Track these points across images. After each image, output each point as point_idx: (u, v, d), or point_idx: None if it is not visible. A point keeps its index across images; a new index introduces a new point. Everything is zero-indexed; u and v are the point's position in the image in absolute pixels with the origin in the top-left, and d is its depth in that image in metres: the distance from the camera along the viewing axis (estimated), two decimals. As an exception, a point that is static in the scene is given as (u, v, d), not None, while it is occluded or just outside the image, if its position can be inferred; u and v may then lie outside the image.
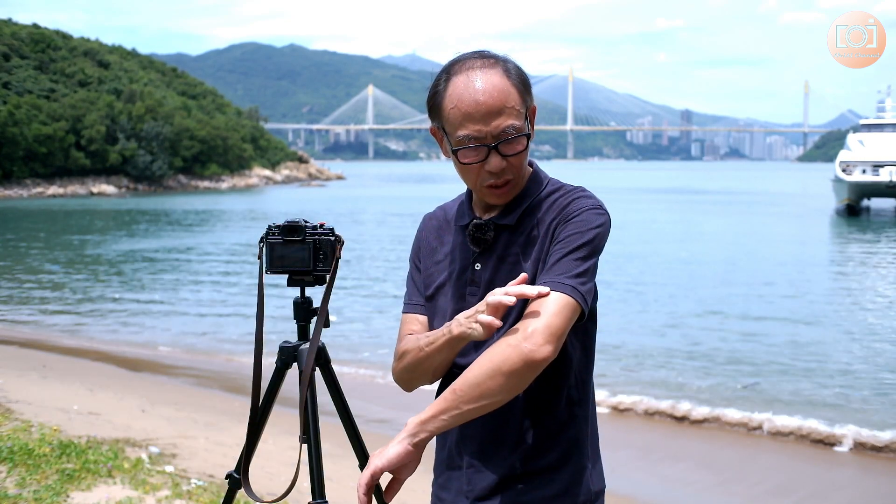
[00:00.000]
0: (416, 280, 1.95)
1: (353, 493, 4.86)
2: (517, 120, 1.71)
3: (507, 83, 1.72)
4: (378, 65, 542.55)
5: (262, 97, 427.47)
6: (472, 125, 1.70)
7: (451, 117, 1.73)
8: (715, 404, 7.96)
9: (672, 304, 14.05)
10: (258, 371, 2.19)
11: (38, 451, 4.99)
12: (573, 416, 1.78)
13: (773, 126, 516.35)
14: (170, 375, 9.56)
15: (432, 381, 1.88)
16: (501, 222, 1.79)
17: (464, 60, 1.75)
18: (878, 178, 35.71)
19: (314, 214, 31.54)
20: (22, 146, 58.53)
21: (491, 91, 1.70)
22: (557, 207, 1.76)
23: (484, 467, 1.78)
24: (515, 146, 1.72)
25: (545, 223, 1.76)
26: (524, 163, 1.77)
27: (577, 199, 1.75)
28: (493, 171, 1.72)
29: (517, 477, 1.75)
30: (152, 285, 17.06)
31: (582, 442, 1.78)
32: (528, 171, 1.84)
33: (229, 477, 2.29)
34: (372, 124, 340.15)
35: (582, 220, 1.71)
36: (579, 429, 1.78)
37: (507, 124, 1.70)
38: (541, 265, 1.72)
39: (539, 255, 1.74)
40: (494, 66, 1.73)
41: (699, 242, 25.18)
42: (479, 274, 1.80)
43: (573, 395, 1.78)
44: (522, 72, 1.78)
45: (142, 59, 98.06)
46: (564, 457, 1.76)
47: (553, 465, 1.75)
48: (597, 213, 1.73)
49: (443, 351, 1.73)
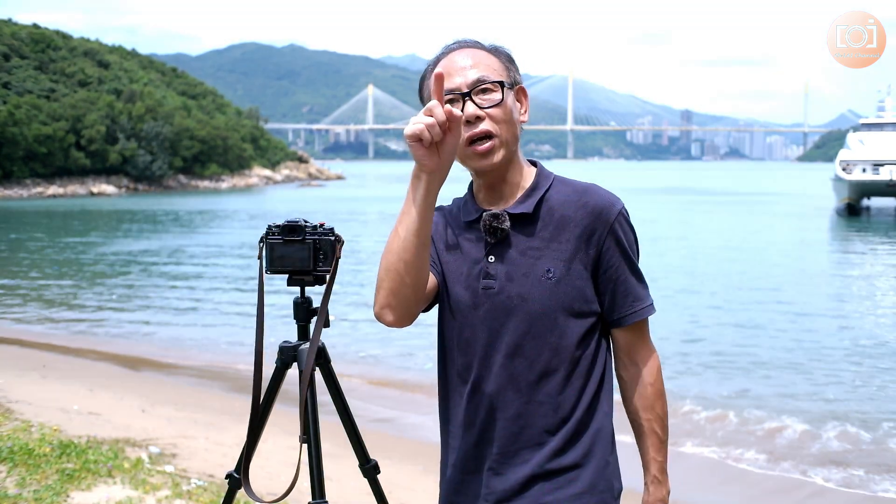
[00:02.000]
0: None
1: (353, 493, 4.87)
2: (492, 74, 1.75)
3: (484, 52, 1.80)
4: (378, 65, 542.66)
5: (262, 97, 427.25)
6: (448, 80, 1.73)
7: (432, 83, 1.71)
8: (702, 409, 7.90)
9: (671, 304, 14.03)
10: (258, 371, 2.19)
11: (38, 451, 4.99)
12: (594, 413, 1.77)
13: (773, 126, 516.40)
14: (170, 375, 9.55)
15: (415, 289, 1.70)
16: (516, 212, 1.78)
17: (449, 47, 1.82)
18: (878, 176, 35.68)
19: (314, 214, 31.54)
20: (22, 146, 58.46)
21: (467, 52, 1.78)
22: (588, 210, 1.76)
23: (505, 469, 1.76)
24: (491, 96, 1.74)
25: (574, 223, 1.75)
26: (507, 119, 1.75)
27: (610, 206, 1.77)
28: (468, 118, 1.71)
29: (540, 476, 1.73)
30: (152, 285, 17.05)
31: (605, 438, 1.78)
32: (525, 163, 1.85)
33: (229, 477, 2.29)
34: (372, 124, 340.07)
35: (627, 238, 1.79)
36: (602, 425, 1.78)
37: (481, 75, 1.74)
38: (582, 268, 1.75)
39: (573, 256, 1.75)
40: (475, 45, 1.80)
41: (698, 242, 25.16)
42: (495, 267, 1.77)
43: (595, 392, 1.78)
44: (508, 53, 1.83)
45: (142, 59, 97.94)
46: (587, 454, 1.75)
47: (577, 463, 1.74)
48: (628, 219, 1.80)
49: (411, 211, 1.65)
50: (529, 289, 1.73)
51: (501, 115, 1.73)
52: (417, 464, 6.16)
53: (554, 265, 1.73)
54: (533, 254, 1.75)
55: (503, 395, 1.75)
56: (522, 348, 1.74)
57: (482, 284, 1.77)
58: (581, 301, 1.75)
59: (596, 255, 1.75)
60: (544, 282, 1.73)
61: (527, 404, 1.74)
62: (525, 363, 1.74)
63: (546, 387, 1.74)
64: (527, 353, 1.74)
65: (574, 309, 1.74)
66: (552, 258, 1.73)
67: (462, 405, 1.82)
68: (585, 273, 1.75)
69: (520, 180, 1.81)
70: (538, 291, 1.73)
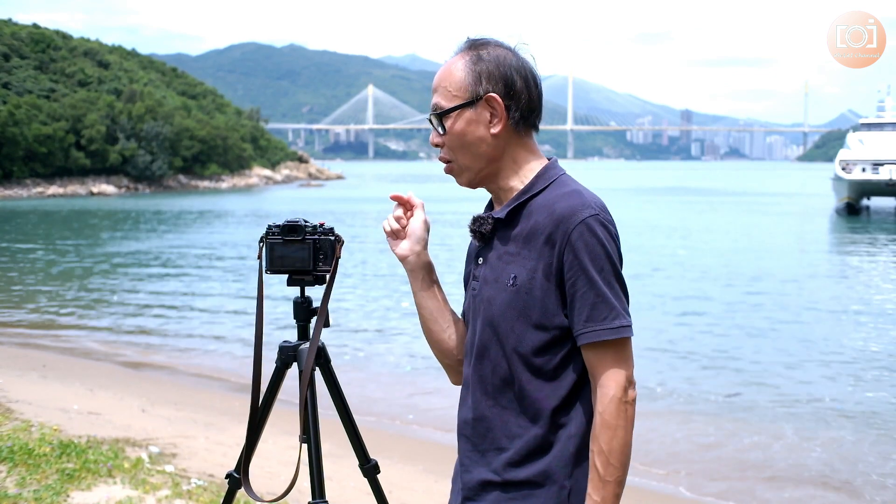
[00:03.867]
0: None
1: (353, 493, 4.87)
2: (445, 99, 1.76)
3: (459, 66, 1.75)
4: (378, 65, 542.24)
5: (262, 97, 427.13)
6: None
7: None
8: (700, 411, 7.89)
9: (668, 303, 14.03)
10: (258, 371, 2.20)
11: (38, 450, 4.99)
12: (558, 431, 1.71)
13: (773, 126, 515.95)
14: (170, 375, 9.55)
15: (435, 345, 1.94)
16: (497, 216, 1.78)
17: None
18: (877, 176, 35.71)
19: (315, 214, 31.53)
20: (22, 146, 58.43)
21: (444, 68, 1.79)
22: (554, 217, 1.68)
23: (472, 468, 1.79)
24: (443, 121, 1.77)
25: (541, 230, 1.70)
26: (459, 145, 1.76)
27: (572, 214, 1.66)
28: (434, 144, 1.82)
29: (497, 484, 1.74)
30: (151, 284, 17.05)
31: (565, 460, 1.70)
32: (528, 165, 1.79)
33: (229, 476, 2.29)
34: (372, 124, 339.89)
35: (588, 250, 1.65)
36: (565, 447, 1.70)
37: (435, 101, 1.78)
38: (543, 278, 1.68)
39: (537, 265, 1.69)
40: (460, 52, 1.78)
41: (697, 242, 25.15)
42: (480, 269, 1.81)
43: (561, 408, 1.71)
44: (490, 55, 1.75)
45: (142, 59, 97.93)
46: (545, 474, 1.70)
47: (533, 481, 1.70)
48: (593, 229, 1.65)
49: (415, 293, 1.90)
50: (495, 293, 1.74)
51: (451, 143, 1.78)
52: (417, 464, 6.16)
53: (519, 272, 1.71)
54: (506, 258, 1.74)
55: (475, 396, 1.79)
56: (488, 351, 1.76)
57: (471, 286, 1.84)
58: (539, 313, 1.68)
59: (558, 266, 1.67)
60: (508, 288, 1.72)
61: (492, 407, 1.76)
62: (490, 366, 1.76)
63: (508, 393, 1.74)
64: (490, 357, 1.76)
65: (532, 319, 1.69)
66: (519, 265, 1.71)
67: (459, 401, 1.90)
68: (548, 284, 1.68)
69: (515, 185, 1.78)
70: (501, 297, 1.73)
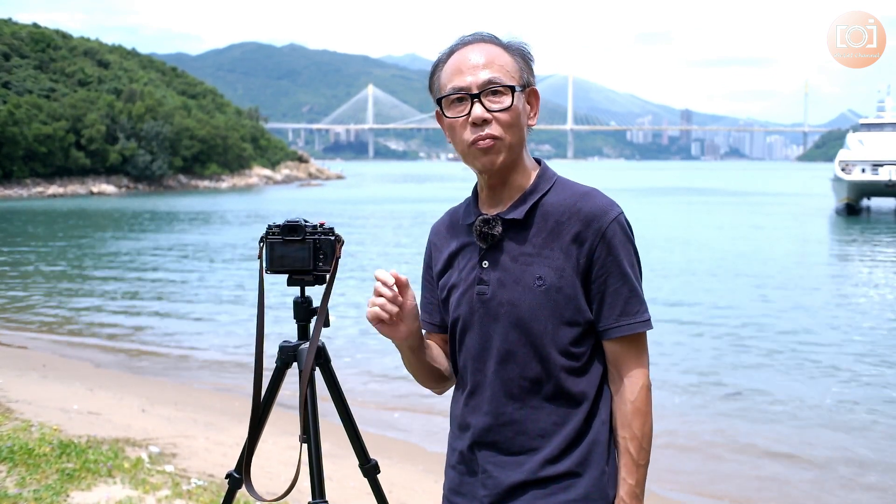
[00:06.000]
0: (426, 296, 1.95)
1: (353, 493, 4.87)
2: (504, 76, 1.71)
3: (500, 49, 1.74)
4: (378, 64, 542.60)
5: (262, 97, 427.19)
6: (458, 78, 1.72)
7: (443, 77, 1.75)
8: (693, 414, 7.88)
9: (669, 303, 14.03)
10: (258, 371, 2.20)
11: (38, 450, 4.99)
12: (591, 421, 1.74)
13: (773, 126, 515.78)
14: (170, 375, 9.55)
15: (430, 380, 1.95)
16: (508, 217, 1.75)
17: (464, 40, 1.78)
18: (877, 177, 35.70)
19: (315, 214, 31.53)
20: (22, 146, 58.45)
21: (482, 49, 1.73)
22: (581, 216, 1.72)
23: (500, 473, 1.75)
24: (501, 99, 1.70)
25: (566, 229, 1.71)
26: (514, 123, 1.72)
27: (603, 213, 1.72)
28: (475, 121, 1.70)
29: (532, 483, 1.72)
30: (151, 284, 17.04)
31: (601, 447, 1.74)
32: (530, 165, 1.80)
33: (229, 476, 2.29)
34: (372, 124, 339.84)
35: (620, 248, 1.72)
36: (598, 434, 1.74)
37: (492, 76, 1.70)
38: (573, 276, 1.70)
39: (564, 264, 1.70)
40: (493, 41, 1.76)
41: (697, 241, 25.15)
42: (488, 273, 1.76)
43: (593, 400, 1.74)
44: (525, 51, 1.78)
45: (142, 58, 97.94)
46: (583, 462, 1.72)
47: (573, 471, 1.72)
48: (624, 228, 1.74)
49: (411, 357, 1.88)
50: (520, 296, 1.72)
51: (509, 120, 1.70)
52: (417, 464, 6.16)
53: (545, 272, 1.70)
54: (525, 260, 1.72)
55: (497, 401, 1.75)
56: (514, 355, 1.73)
57: (476, 290, 1.77)
58: (572, 310, 1.71)
59: (587, 263, 1.70)
60: (535, 289, 1.70)
61: (520, 410, 1.73)
62: (517, 369, 1.73)
63: (539, 393, 1.72)
64: (518, 360, 1.73)
65: (565, 317, 1.71)
66: (543, 265, 1.71)
67: (460, 408, 1.83)
68: (577, 281, 1.70)
69: (521, 183, 1.78)
70: (528, 299, 1.71)
